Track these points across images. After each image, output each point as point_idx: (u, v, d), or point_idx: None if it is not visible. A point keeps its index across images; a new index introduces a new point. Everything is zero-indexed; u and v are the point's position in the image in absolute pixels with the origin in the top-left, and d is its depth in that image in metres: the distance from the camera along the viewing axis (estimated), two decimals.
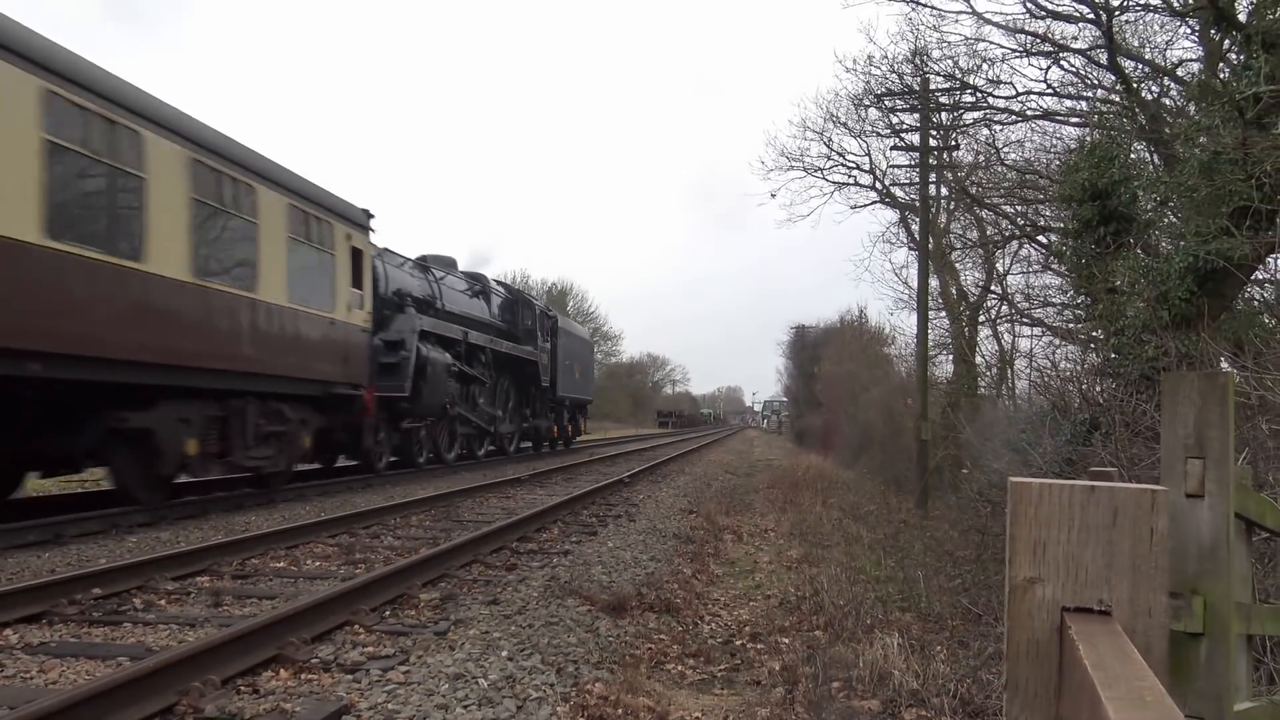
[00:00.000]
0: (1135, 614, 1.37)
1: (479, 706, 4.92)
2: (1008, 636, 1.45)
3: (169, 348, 11.92)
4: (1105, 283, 11.95)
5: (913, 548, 11.99)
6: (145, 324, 11.49)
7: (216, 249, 13.09)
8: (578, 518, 13.37)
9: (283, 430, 15.02)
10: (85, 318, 10.51)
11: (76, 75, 10.64)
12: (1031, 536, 1.41)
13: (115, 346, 10.98)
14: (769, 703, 5.66)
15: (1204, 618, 2.99)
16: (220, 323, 13.06)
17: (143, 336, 11.43)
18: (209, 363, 12.79)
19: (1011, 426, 12.79)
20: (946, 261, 25.89)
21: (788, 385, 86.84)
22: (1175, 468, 3.02)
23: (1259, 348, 8.70)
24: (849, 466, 29.68)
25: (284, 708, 4.81)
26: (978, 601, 7.89)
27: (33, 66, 9.94)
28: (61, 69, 10.41)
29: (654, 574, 9.14)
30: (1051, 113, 18.43)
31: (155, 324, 11.67)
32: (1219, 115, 10.30)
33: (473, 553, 9.54)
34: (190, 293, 12.36)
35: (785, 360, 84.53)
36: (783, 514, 15.74)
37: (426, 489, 16.58)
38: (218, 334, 13.00)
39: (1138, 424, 8.21)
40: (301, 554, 9.74)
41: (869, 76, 22.59)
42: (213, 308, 12.87)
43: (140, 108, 11.65)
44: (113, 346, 10.94)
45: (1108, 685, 1.07)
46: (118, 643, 6.14)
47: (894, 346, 35.02)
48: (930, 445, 18.97)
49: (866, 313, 45.13)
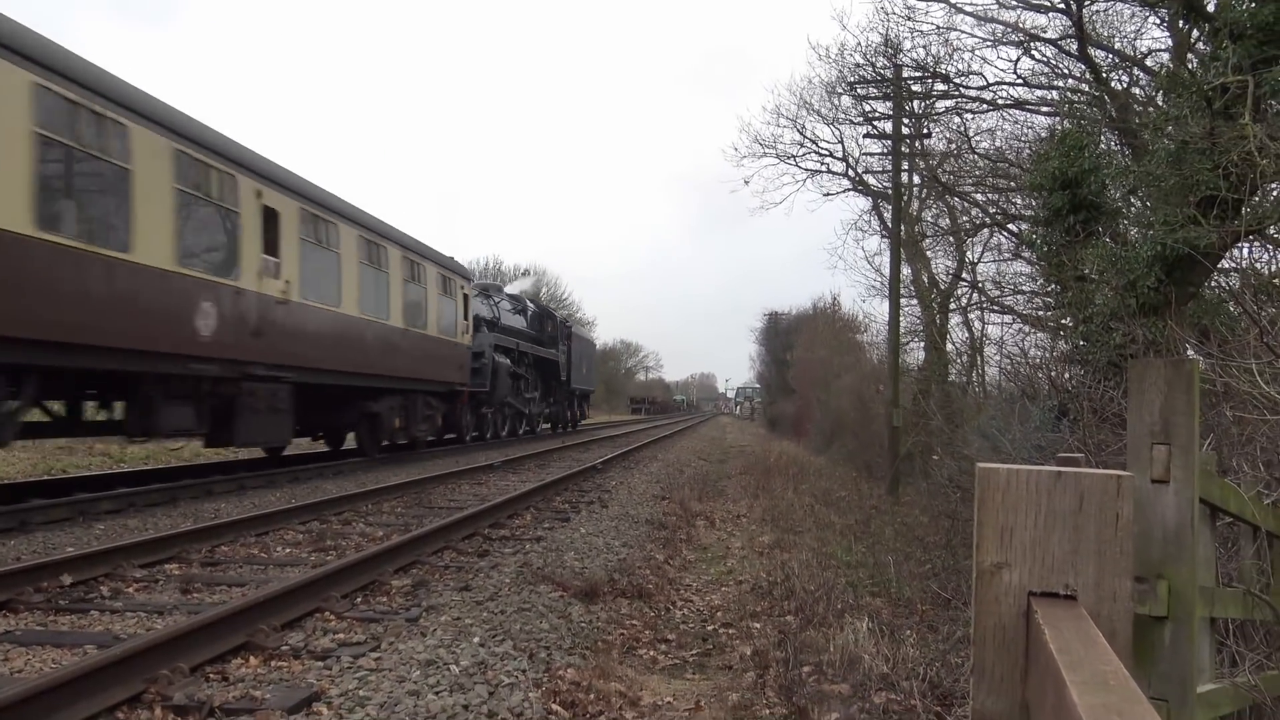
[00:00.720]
0: (1100, 598, 1.39)
1: (451, 693, 4.91)
2: (975, 621, 1.46)
3: (390, 366, 19.90)
4: (1074, 271, 12.04)
5: (884, 533, 12.06)
6: (387, 353, 19.68)
7: (416, 307, 21.66)
8: (550, 504, 13.36)
9: (431, 414, 23.24)
10: (367, 354, 18.69)
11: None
12: (999, 522, 1.42)
13: (372, 368, 18.94)
14: (740, 687, 5.69)
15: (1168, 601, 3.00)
16: (412, 349, 21.18)
17: (385, 362, 19.61)
18: (404, 373, 20.76)
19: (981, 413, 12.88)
20: (918, 249, 26.03)
21: (761, 372, 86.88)
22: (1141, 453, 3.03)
23: (1224, 335, 8.80)
24: (821, 453, 29.79)
25: (254, 695, 4.80)
26: (947, 586, 7.94)
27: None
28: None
29: (626, 560, 9.15)
30: (1022, 102, 18.56)
31: (390, 354, 19.91)
32: (1187, 105, 10.38)
33: (445, 539, 9.52)
34: (400, 333, 20.53)
35: (758, 346, 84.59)
36: (755, 500, 15.80)
37: (399, 475, 16.52)
38: (410, 357, 21.03)
39: (1105, 410, 8.27)
40: (272, 541, 9.69)
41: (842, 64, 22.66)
42: (409, 340, 20.98)
43: (337, 208, 17.78)
44: (370, 368, 18.85)
45: (1072, 669, 1.08)
46: (85, 631, 6.09)
47: (866, 333, 35.25)
48: (901, 432, 19.07)
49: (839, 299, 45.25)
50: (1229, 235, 9.97)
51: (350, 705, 4.69)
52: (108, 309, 11.19)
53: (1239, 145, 9.20)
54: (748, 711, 5.29)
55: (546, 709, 4.87)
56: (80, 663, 4.69)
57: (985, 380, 19.25)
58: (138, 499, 12.26)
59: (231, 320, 13.73)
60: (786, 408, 51.06)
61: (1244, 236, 10.29)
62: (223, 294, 13.55)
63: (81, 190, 11.05)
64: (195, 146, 13.04)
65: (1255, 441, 5.86)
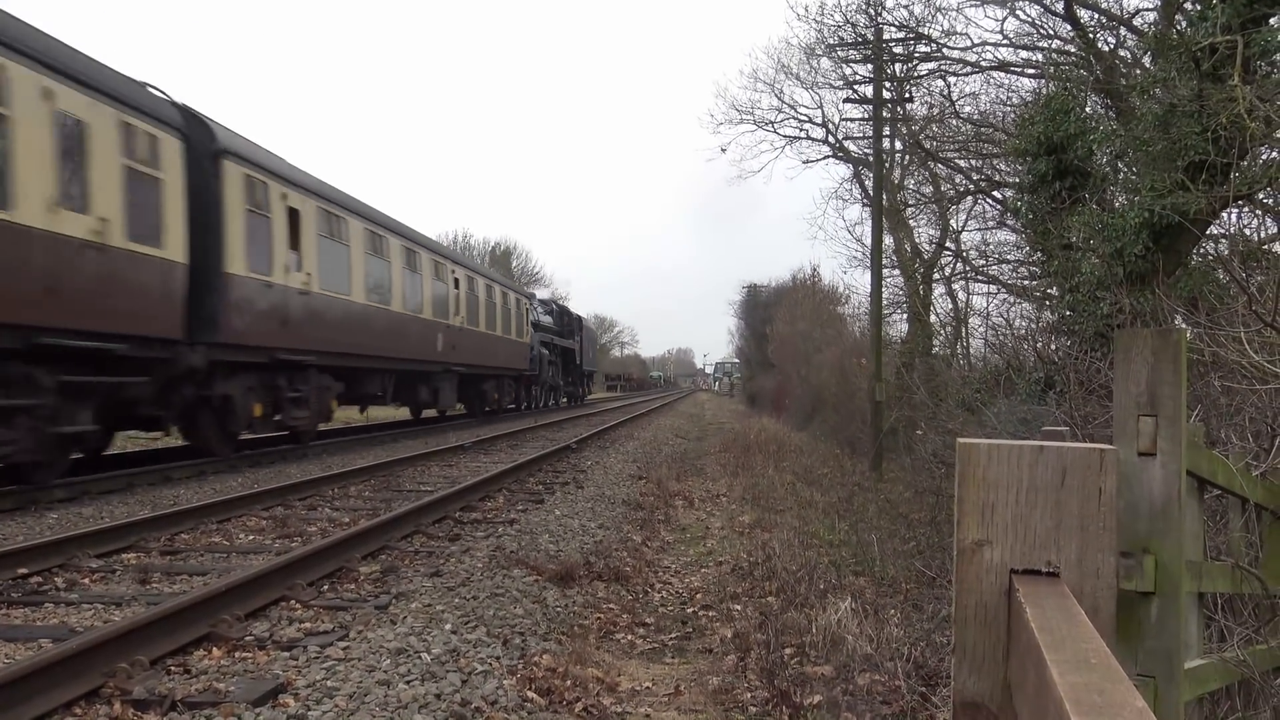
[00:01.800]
0: (1083, 575, 1.39)
1: (422, 681, 4.80)
2: (956, 600, 1.46)
3: (502, 362, 31.84)
4: (1060, 239, 11.93)
5: (866, 511, 11.96)
6: (492, 352, 30.38)
7: (506, 321, 32.77)
8: (524, 486, 13.19)
9: (511, 389, 35.16)
10: (489, 354, 30.23)
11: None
12: (980, 498, 1.42)
13: (495, 360, 30.88)
14: (721, 671, 5.60)
15: (1155, 576, 2.92)
16: (504, 350, 32.22)
17: (498, 358, 31.07)
18: (505, 365, 32.48)
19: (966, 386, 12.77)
20: (901, 218, 25.89)
21: (740, 346, 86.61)
22: (1128, 425, 2.94)
23: (1213, 304, 8.69)
24: (802, 429, 29.72)
25: (217, 687, 4.69)
26: (932, 564, 7.84)
27: None
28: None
29: (603, 542, 9.03)
30: (1007, 64, 18.39)
31: (498, 351, 31.21)
32: (1175, 67, 10.26)
33: (414, 523, 9.37)
34: (497, 340, 31.20)
35: (737, 320, 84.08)
36: (734, 478, 15.68)
37: (365, 458, 16.32)
38: (506, 353, 32.49)
39: (1092, 382, 8.17)
40: (234, 528, 9.51)
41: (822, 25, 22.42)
42: (498, 343, 31.50)
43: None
44: (495, 360, 30.81)
45: (1053, 648, 1.09)
46: (39, 624, 5.94)
47: (848, 305, 35.19)
48: (884, 406, 18.94)
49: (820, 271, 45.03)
50: (1217, 201, 9.86)
51: (318, 696, 4.57)
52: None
53: (1228, 108, 9.07)
54: (729, 695, 5.21)
55: (521, 696, 4.77)
56: (34, 657, 4.56)
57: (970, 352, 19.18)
58: (92, 486, 11.90)
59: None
60: (766, 383, 51.06)
61: (1232, 202, 10.19)
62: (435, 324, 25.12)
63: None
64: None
65: (1244, 412, 5.78)
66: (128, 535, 8.49)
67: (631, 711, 4.98)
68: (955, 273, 24.04)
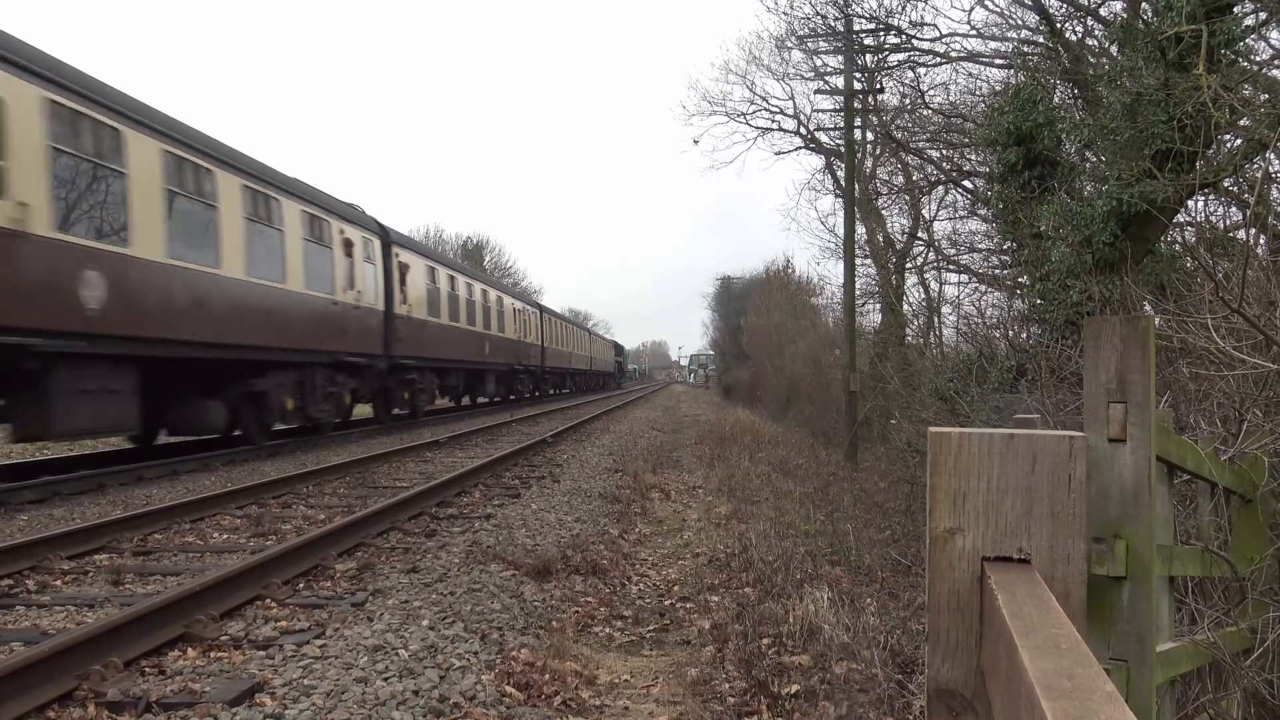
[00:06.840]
0: (1054, 561, 1.40)
1: (400, 678, 4.78)
2: (929, 588, 1.46)
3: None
4: (1030, 228, 11.99)
5: (842, 500, 11.99)
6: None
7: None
8: (500, 480, 13.16)
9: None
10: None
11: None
12: (951, 486, 1.43)
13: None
14: (699, 662, 5.60)
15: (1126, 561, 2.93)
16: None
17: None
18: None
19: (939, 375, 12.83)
20: (873, 208, 25.93)
21: (714, 338, 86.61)
22: (1098, 412, 2.95)
23: (1180, 290, 8.76)
24: (777, 420, 29.71)
25: (192, 688, 4.66)
26: (907, 553, 7.88)
27: None
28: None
29: (579, 535, 9.03)
30: (976, 54, 18.43)
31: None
32: (1141, 56, 10.31)
33: (390, 520, 9.34)
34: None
35: (712, 313, 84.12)
36: (711, 470, 15.67)
37: (340, 455, 16.25)
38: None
39: (1063, 370, 8.23)
40: (208, 527, 9.44)
41: (792, 16, 22.38)
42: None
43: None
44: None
45: (1025, 634, 1.10)
46: (10, 627, 5.88)
47: (821, 296, 35.23)
48: (859, 396, 19.02)
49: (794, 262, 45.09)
50: (1184, 189, 9.92)
51: (294, 695, 4.55)
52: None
53: (1193, 96, 9.13)
54: (707, 686, 5.22)
55: (500, 691, 4.76)
56: (6, 661, 4.51)
57: (943, 341, 19.25)
58: (63, 487, 11.81)
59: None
60: (741, 375, 51.18)
61: (1199, 190, 10.25)
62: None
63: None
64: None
65: (1212, 397, 5.83)
66: (100, 536, 8.42)
67: (610, 704, 4.98)
68: (927, 262, 24.13)
